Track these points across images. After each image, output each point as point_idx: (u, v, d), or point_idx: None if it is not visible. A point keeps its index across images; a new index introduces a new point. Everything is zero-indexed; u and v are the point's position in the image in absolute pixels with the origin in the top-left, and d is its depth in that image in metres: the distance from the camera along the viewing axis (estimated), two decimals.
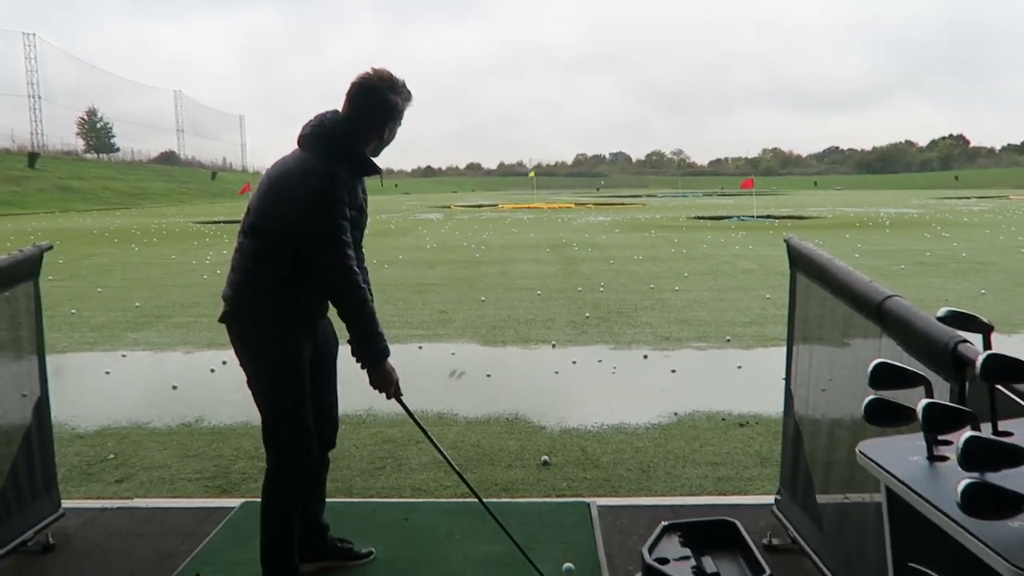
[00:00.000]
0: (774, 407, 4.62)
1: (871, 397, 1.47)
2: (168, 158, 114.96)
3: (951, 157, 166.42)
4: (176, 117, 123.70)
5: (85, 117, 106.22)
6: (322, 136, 2.60)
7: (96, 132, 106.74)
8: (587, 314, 8.70)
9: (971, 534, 1.11)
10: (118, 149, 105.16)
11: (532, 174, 75.97)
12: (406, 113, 2.71)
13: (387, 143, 2.73)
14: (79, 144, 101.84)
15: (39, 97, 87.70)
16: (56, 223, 31.83)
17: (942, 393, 1.93)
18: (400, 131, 2.76)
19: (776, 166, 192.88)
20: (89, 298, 10.49)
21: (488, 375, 6.15)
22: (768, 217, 30.18)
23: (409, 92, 2.70)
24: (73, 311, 9.30)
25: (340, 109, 2.65)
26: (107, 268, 14.22)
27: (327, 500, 3.12)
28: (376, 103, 2.62)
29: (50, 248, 3.42)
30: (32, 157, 64.88)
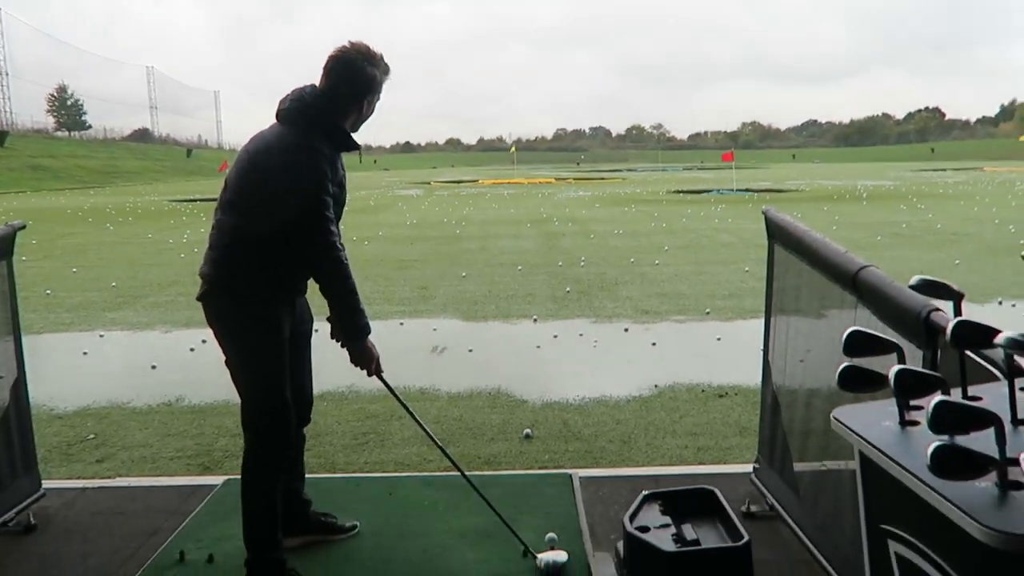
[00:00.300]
0: (752, 378, 4.67)
1: (845, 364, 1.50)
2: (142, 136, 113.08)
3: (927, 130, 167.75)
4: (149, 94, 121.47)
5: (55, 94, 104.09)
6: (302, 111, 2.56)
7: (67, 109, 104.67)
8: (568, 289, 8.73)
9: (940, 495, 1.14)
10: (90, 127, 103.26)
11: (513, 149, 75.61)
12: (384, 87, 2.69)
13: (366, 117, 2.70)
14: (49, 122, 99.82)
15: (7, 74, 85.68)
16: (28, 202, 31.31)
17: (915, 360, 1.96)
18: (378, 106, 2.73)
19: (755, 139, 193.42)
20: (64, 278, 10.35)
21: (470, 350, 6.17)
22: (747, 191, 30.32)
23: (387, 65, 2.66)
24: (48, 291, 9.18)
25: (317, 83, 2.62)
26: (82, 248, 14.04)
27: (311, 476, 3.14)
28: (354, 76, 2.58)
29: (23, 227, 3.36)
30: (1, 135, 63.58)
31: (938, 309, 1.91)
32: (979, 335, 1.32)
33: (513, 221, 18.10)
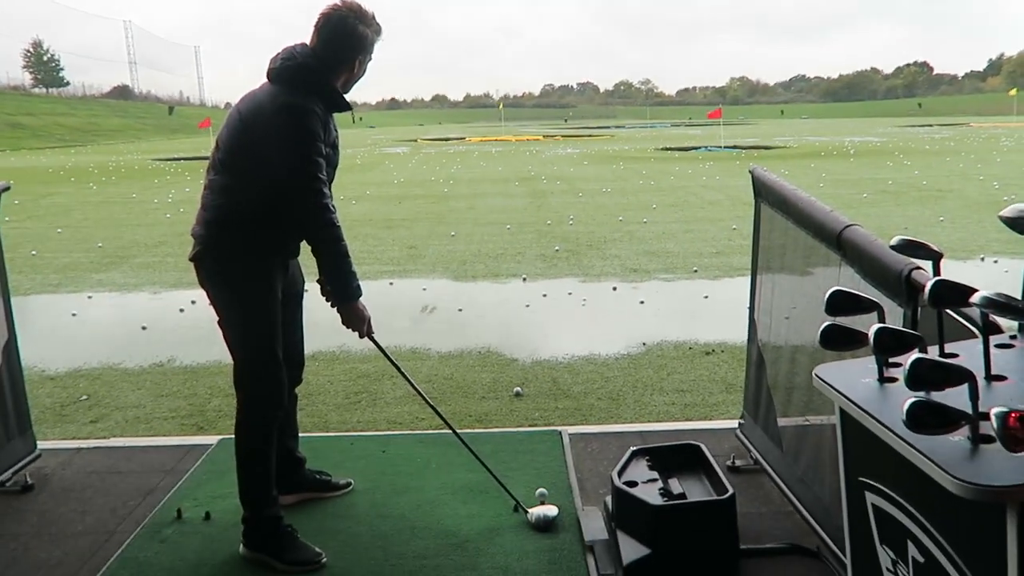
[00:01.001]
0: (739, 335, 4.74)
1: (827, 323, 1.54)
2: (122, 92, 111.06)
3: (915, 84, 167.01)
4: (128, 49, 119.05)
5: (31, 49, 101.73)
6: (294, 70, 2.52)
7: (43, 65, 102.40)
8: (556, 247, 8.76)
9: (915, 448, 1.19)
10: (68, 83, 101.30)
11: (500, 106, 74.84)
12: (376, 47, 2.66)
13: (358, 78, 2.66)
14: (26, 78, 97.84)
15: None
16: (8, 161, 30.83)
17: (897, 318, 2.01)
18: (369, 66, 2.71)
19: (743, 95, 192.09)
20: (49, 239, 10.27)
21: (460, 310, 6.22)
22: (735, 148, 30.23)
23: (379, 25, 2.63)
24: (34, 252, 9.12)
25: (308, 42, 2.59)
26: (66, 208, 13.90)
27: (304, 435, 3.18)
28: (346, 35, 2.54)
29: (7, 188, 3.35)
30: None
31: (919, 268, 1.95)
32: (956, 294, 1.36)
33: (501, 179, 18.03)
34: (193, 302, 6.33)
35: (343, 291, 2.60)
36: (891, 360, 1.46)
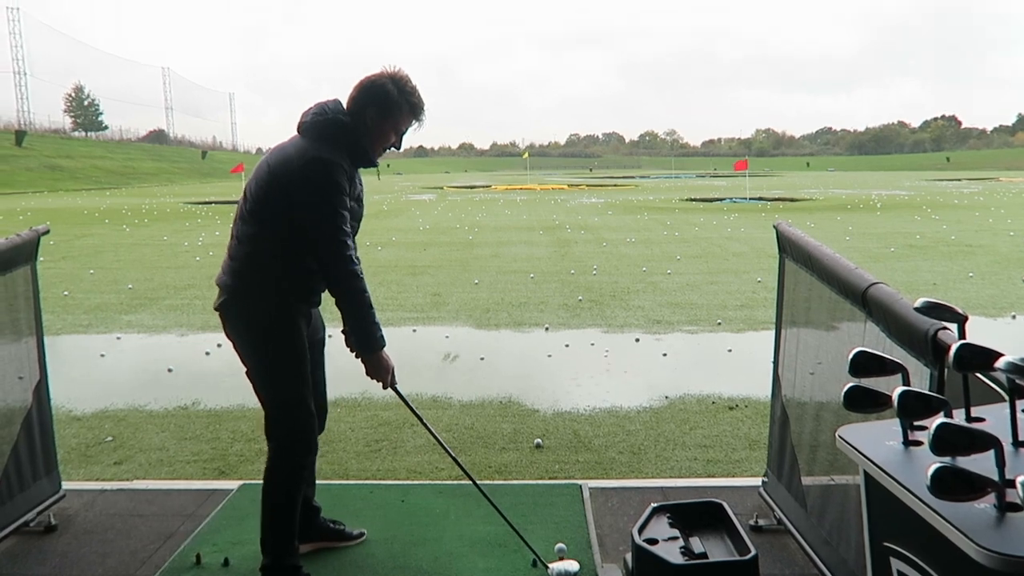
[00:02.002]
0: (763, 390, 4.70)
1: (850, 384, 1.53)
2: (157, 137, 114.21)
3: (943, 138, 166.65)
4: (164, 94, 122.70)
5: (72, 94, 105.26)
6: (324, 124, 2.59)
7: (83, 109, 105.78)
8: (580, 297, 8.77)
9: (940, 515, 1.17)
10: (106, 127, 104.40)
11: (526, 154, 75.72)
12: (414, 123, 2.70)
13: (387, 144, 2.70)
14: (66, 122, 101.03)
15: (24, 73, 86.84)
16: (45, 202, 31.64)
17: (923, 378, 2.00)
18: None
19: (769, 147, 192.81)
20: (81, 280, 10.48)
21: (482, 358, 6.22)
22: (760, 199, 30.25)
23: (420, 100, 2.67)
24: (66, 293, 9.31)
25: (344, 100, 2.66)
26: (99, 249, 14.20)
27: (324, 482, 3.19)
28: (381, 100, 2.60)
29: (47, 232, 3.44)
30: (19, 135, 64.38)
31: (946, 328, 1.94)
32: (982, 358, 1.35)
33: (526, 227, 18.16)
34: (219, 345, 6.40)
35: (366, 341, 2.61)
36: (916, 423, 1.44)
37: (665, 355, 6.27)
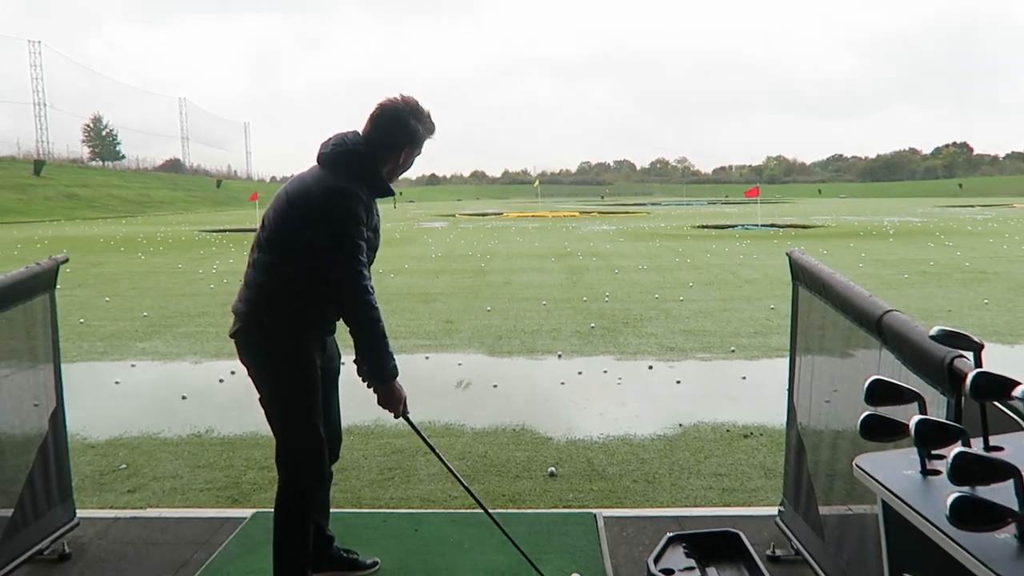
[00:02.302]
0: (778, 418, 4.66)
1: (866, 413, 1.52)
2: (173, 166, 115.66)
3: (955, 165, 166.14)
4: (181, 125, 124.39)
5: (90, 124, 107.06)
6: (343, 155, 2.63)
7: (101, 139, 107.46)
8: (592, 324, 8.76)
9: (959, 546, 1.16)
10: (123, 157, 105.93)
11: (537, 182, 76.12)
12: (426, 144, 2.76)
13: (403, 169, 2.75)
14: (84, 152, 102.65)
15: (44, 104, 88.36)
16: (62, 231, 32.01)
17: (939, 406, 1.98)
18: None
19: (780, 174, 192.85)
20: (97, 307, 10.57)
21: (495, 386, 6.21)
22: (772, 226, 30.23)
23: (433, 124, 2.73)
24: (81, 320, 9.39)
25: (360, 130, 2.70)
26: (114, 277, 14.33)
27: (337, 511, 3.18)
28: (397, 126, 2.65)
29: (66, 260, 3.48)
30: (38, 165, 65.35)
31: (962, 356, 1.93)
32: (999, 387, 1.35)
33: (538, 255, 18.20)
34: (233, 372, 6.43)
35: (380, 371, 2.62)
36: (934, 452, 1.43)
37: (679, 382, 6.24)
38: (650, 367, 6.79)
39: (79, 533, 3.39)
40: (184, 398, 5.92)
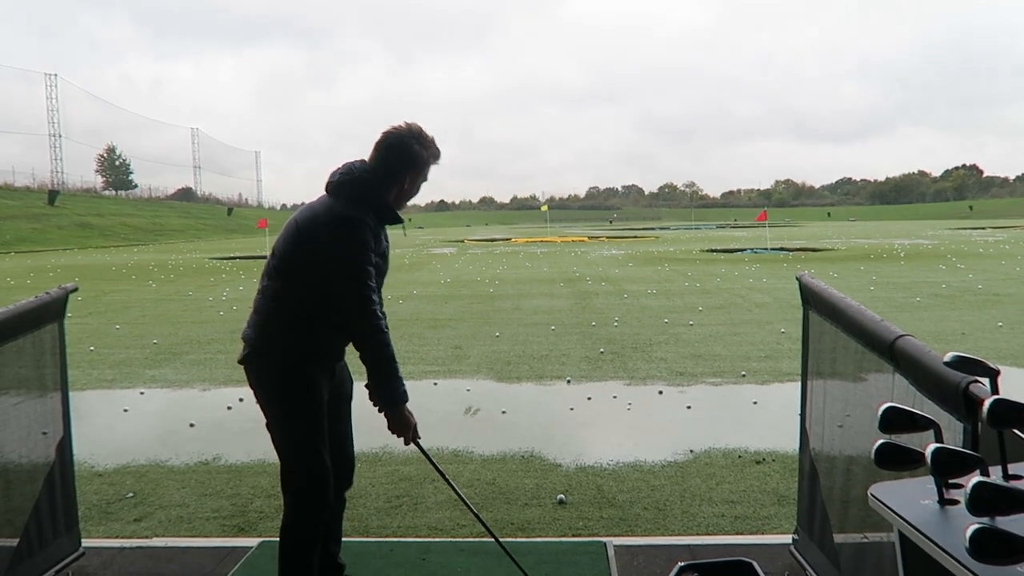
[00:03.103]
0: (790, 443, 4.61)
1: (881, 441, 1.49)
2: (185, 194, 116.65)
3: (965, 187, 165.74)
4: (193, 154, 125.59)
5: (104, 154, 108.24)
6: (350, 183, 2.66)
7: (115, 169, 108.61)
8: (601, 349, 8.71)
9: None
10: (136, 186, 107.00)
11: (545, 207, 76.35)
12: (433, 170, 2.79)
13: (409, 195, 2.78)
14: (98, 181, 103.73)
15: (60, 136, 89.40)
16: (75, 259, 32.27)
17: (956, 432, 1.94)
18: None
19: (789, 197, 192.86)
20: (107, 335, 10.61)
21: (503, 412, 6.17)
22: (782, 249, 30.16)
23: (438, 150, 2.77)
24: (92, 348, 9.41)
25: (367, 159, 2.73)
26: (125, 305, 14.39)
27: (344, 539, 3.14)
28: (402, 153, 2.69)
29: (75, 290, 3.49)
30: (52, 194, 66.03)
31: (977, 381, 1.89)
32: (1016, 414, 1.31)
33: (546, 280, 18.19)
34: (241, 400, 6.41)
35: (389, 396, 2.62)
36: (951, 480, 1.40)
37: (689, 408, 6.18)
38: (660, 392, 6.73)
39: (84, 563, 3.36)
40: (192, 425, 5.90)
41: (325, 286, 2.57)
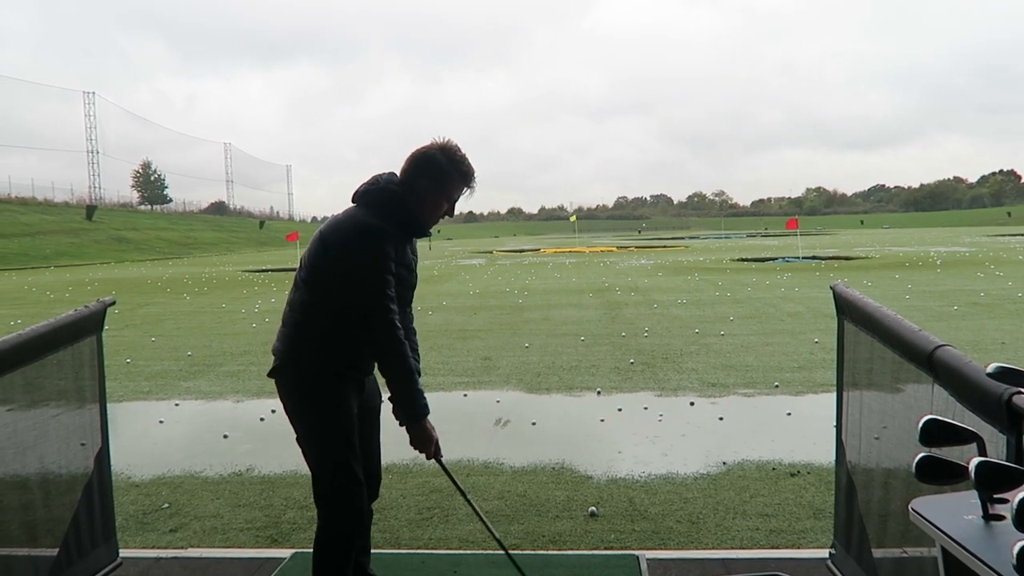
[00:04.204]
0: (826, 456, 4.54)
1: (922, 454, 1.46)
2: (218, 208, 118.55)
3: (1003, 193, 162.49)
4: (225, 168, 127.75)
5: (140, 170, 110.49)
6: (375, 194, 2.68)
7: (150, 184, 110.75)
8: (631, 360, 8.66)
9: None
10: (171, 200, 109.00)
11: (574, 218, 76.31)
12: (465, 192, 2.77)
13: (437, 209, 2.74)
14: (134, 196, 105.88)
15: (97, 152, 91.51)
16: (111, 273, 32.91)
17: (999, 445, 1.90)
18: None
19: (820, 205, 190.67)
20: (143, 347, 10.79)
21: (533, 423, 6.15)
22: (814, 258, 29.79)
23: (469, 167, 2.73)
24: (128, 360, 9.57)
25: (398, 171, 2.74)
26: (160, 317, 14.63)
27: (374, 551, 3.15)
28: (431, 170, 2.68)
29: (113, 303, 3.56)
30: (90, 210, 67.50)
31: (1020, 391, 1.85)
32: None
33: (575, 290, 18.15)
34: (273, 411, 6.47)
35: (409, 409, 2.61)
36: (996, 496, 1.36)
37: (721, 419, 6.11)
38: (691, 403, 6.67)
39: (122, 573, 3.40)
40: (226, 437, 5.97)
41: (346, 296, 2.57)
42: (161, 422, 6.57)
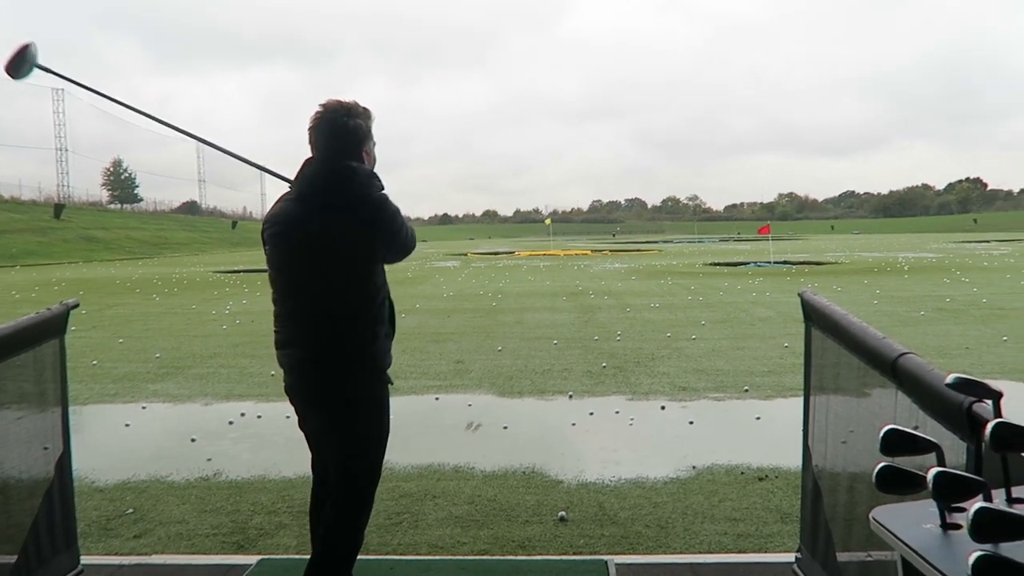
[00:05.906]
0: (794, 460, 4.57)
1: (882, 464, 1.48)
2: (190, 208, 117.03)
3: (969, 200, 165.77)
4: (198, 168, 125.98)
5: (110, 168, 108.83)
6: (324, 176, 2.68)
7: (120, 183, 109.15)
8: (604, 364, 8.69)
9: None
10: (141, 199, 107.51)
11: (548, 221, 76.46)
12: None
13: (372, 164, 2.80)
14: (103, 195, 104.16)
15: (66, 150, 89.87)
16: (80, 273, 32.33)
17: (959, 454, 1.92)
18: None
19: (792, 211, 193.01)
20: (111, 349, 10.61)
21: (505, 427, 6.14)
22: (785, 263, 30.12)
23: (368, 109, 2.75)
24: (95, 362, 9.41)
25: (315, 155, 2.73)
26: (129, 318, 14.41)
27: None
28: (345, 134, 2.67)
29: (76, 306, 3.49)
30: (58, 208, 66.28)
31: (981, 400, 1.88)
32: (1020, 438, 1.30)
33: (549, 294, 18.18)
34: (242, 414, 6.40)
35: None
36: (954, 504, 1.38)
37: (691, 423, 6.15)
38: (662, 407, 6.70)
39: None
40: (193, 440, 5.88)
41: (396, 237, 2.70)
42: (127, 425, 6.46)
